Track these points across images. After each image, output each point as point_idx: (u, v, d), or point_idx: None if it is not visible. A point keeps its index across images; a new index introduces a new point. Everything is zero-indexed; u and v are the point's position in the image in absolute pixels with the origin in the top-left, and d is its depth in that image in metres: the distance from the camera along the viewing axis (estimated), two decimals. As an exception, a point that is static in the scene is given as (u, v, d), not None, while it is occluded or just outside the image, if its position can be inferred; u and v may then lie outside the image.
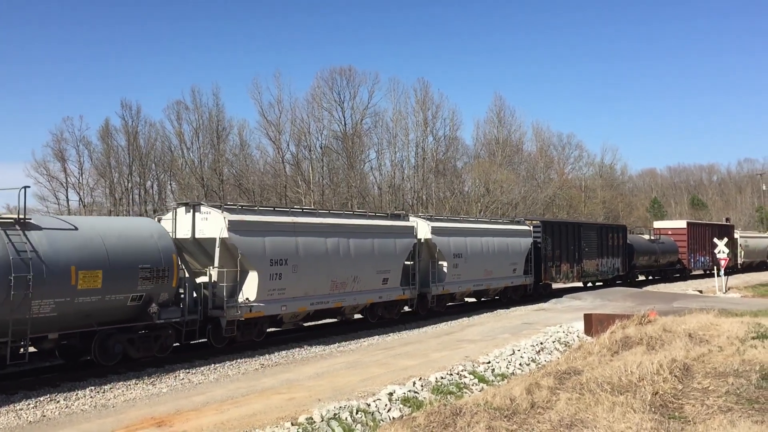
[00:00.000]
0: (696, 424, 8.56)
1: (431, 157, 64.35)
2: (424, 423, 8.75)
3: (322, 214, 20.53)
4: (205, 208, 17.16)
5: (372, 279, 21.01)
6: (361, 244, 20.49)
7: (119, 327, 14.56)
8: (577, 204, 77.69)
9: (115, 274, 13.99)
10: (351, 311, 21.25)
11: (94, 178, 67.88)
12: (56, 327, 13.26)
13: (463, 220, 29.38)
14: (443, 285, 24.45)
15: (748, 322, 17.00)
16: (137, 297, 14.55)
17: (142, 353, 15.08)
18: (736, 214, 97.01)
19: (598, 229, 37.62)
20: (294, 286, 18.11)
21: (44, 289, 12.71)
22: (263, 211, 18.75)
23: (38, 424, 10.86)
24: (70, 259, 13.27)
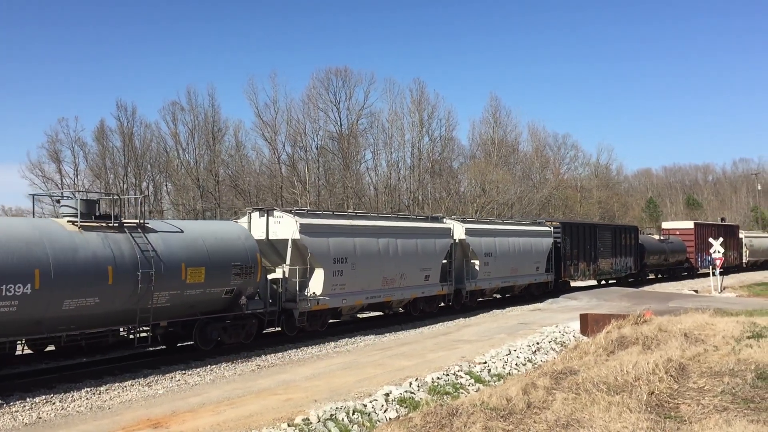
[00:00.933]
0: (692, 424, 8.57)
1: (427, 157, 64.31)
2: (421, 423, 8.75)
3: (373, 217, 23.40)
4: (278, 213, 19.65)
5: (416, 276, 23.28)
6: (407, 244, 22.82)
7: (215, 316, 16.80)
8: (573, 204, 77.79)
9: (214, 270, 16.27)
10: (397, 305, 23.54)
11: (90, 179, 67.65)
12: (168, 315, 15.60)
13: (492, 222, 32.02)
14: (476, 282, 26.79)
15: (743, 322, 17.04)
16: (230, 290, 16.85)
17: (232, 339, 17.23)
18: (732, 214, 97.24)
19: (613, 229, 39.92)
20: (352, 282, 20.39)
21: (162, 283, 14.97)
22: (326, 215, 21.60)
23: (34, 426, 10.83)
24: (181, 258, 15.55)
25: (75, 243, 13.74)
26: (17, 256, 12.63)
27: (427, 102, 65.26)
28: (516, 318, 24.65)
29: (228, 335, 17.14)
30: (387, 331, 21.05)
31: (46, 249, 13.16)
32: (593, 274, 37.08)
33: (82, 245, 13.81)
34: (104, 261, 14.02)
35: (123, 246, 14.53)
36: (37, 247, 13.05)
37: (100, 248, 14.09)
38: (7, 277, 12.36)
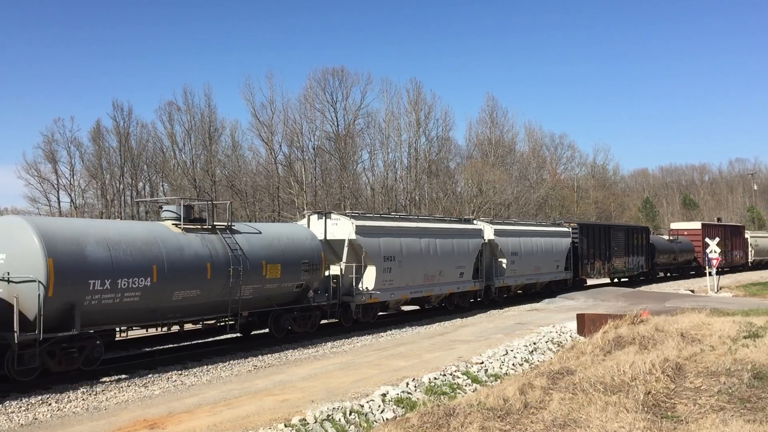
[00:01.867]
0: (688, 424, 8.58)
1: (424, 157, 64.31)
2: (418, 424, 8.74)
3: (415, 219, 25.91)
4: (335, 216, 21.83)
5: (452, 273, 25.36)
6: (445, 244, 24.93)
7: (286, 308, 18.91)
8: (570, 204, 77.87)
9: (288, 267, 18.42)
10: (436, 299, 25.58)
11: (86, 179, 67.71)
12: (251, 306, 17.78)
13: (517, 223, 34.30)
14: (503, 279, 28.92)
15: (739, 322, 17.07)
16: (299, 285, 18.93)
17: (301, 329, 19.40)
18: (728, 214, 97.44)
19: (626, 230, 42.08)
20: (399, 278, 22.57)
21: (247, 278, 17.09)
22: (375, 217, 23.96)
23: (30, 427, 10.79)
24: (261, 256, 17.68)
25: (180, 243, 15.93)
26: (140, 254, 14.77)
27: (423, 102, 65.31)
28: (513, 318, 24.67)
29: (297, 325, 19.29)
30: (383, 332, 21.04)
31: (161, 248, 15.32)
32: (608, 273, 39.00)
33: (186, 245, 16.02)
34: (204, 258, 16.19)
35: (217, 245, 16.72)
36: (154, 247, 15.20)
37: (199, 247, 16.28)
38: (133, 271, 14.53)
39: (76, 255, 13.67)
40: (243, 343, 18.49)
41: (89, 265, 13.80)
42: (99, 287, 13.90)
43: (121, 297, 14.36)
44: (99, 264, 13.97)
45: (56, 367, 13.72)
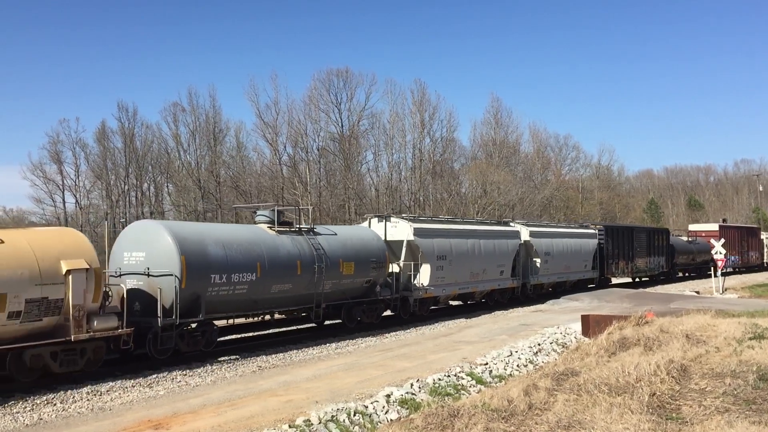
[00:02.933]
0: (693, 425, 8.56)
1: (428, 158, 64.28)
2: (422, 425, 8.74)
3: (461, 222, 28.70)
4: (394, 219, 24.38)
5: (494, 271, 27.64)
6: (487, 245, 27.19)
7: (357, 301, 21.26)
8: (575, 205, 77.78)
9: (360, 264, 20.75)
10: (479, 295, 27.88)
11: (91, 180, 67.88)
12: (329, 299, 20.09)
13: (549, 225, 36.79)
14: (537, 277, 31.04)
15: (745, 323, 17.02)
16: (368, 281, 21.40)
17: (369, 319, 21.62)
18: (733, 215, 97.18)
19: (647, 232, 44.35)
20: (449, 276, 24.84)
21: (327, 274, 19.44)
22: (428, 220, 26.68)
23: (35, 427, 10.82)
24: (339, 255, 20.03)
25: (276, 243, 18.33)
26: (247, 253, 17.19)
27: (428, 103, 65.29)
28: (517, 319, 24.64)
29: (366, 315, 21.56)
30: (388, 332, 21.04)
31: (262, 248, 17.74)
32: (631, 272, 41.02)
33: (281, 245, 18.42)
34: (294, 257, 18.55)
35: (304, 245, 19.08)
36: (257, 246, 17.62)
37: (290, 247, 18.64)
38: (242, 267, 16.95)
39: (201, 253, 16.16)
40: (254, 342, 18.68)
41: (211, 262, 16.31)
42: (218, 281, 16.45)
43: (233, 289, 16.87)
44: (218, 261, 16.48)
45: (185, 348, 16.09)
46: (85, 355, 13.91)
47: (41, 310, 13.11)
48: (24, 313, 12.84)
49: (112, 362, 15.48)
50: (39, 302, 13.05)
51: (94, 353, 14.07)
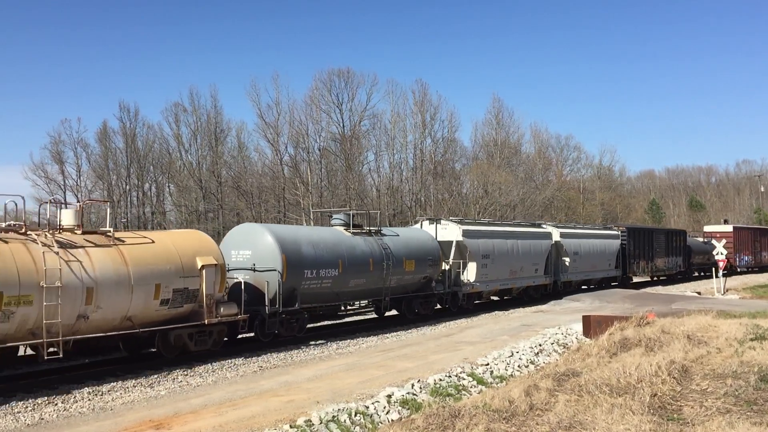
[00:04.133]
0: (695, 426, 8.56)
1: (429, 158, 64.21)
2: (423, 425, 8.74)
3: (500, 224, 31.43)
4: (444, 221, 26.97)
5: (529, 269, 30.11)
6: (524, 245, 29.62)
7: (415, 294, 23.94)
8: (576, 206, 77.68)
9: (419, 262, 23.38)
10: (516, 291, 30.24)
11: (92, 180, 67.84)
12: (393, 293, 22.72)
13: (576, 226, 39.15)
14: (567, 275, 33.53)
15: (746, 324, 17.02)
16: (425, 277, 24.00)
17: (424, 311, 24.33)
18: (735, 216, 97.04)
19: (666, 233, 47.06)
20: (492, 273, 27.43)
21: (393, 271, 22.11)
22: (472, 222, 29.83)
23: (36, 427, 10.83)
24: (402, 253, 22.72)
25: (353, 243, 21.01)
26: (331, 252, 19.95)
27: (429, 103, 65.19)
28: (518, 320, 24.63)
29: (422, 308, 24.25)
30: (389, 333, 21.04)
31: (342, 247, 20.51)
32: (650, 271, 43.35)
33: (356, 245, 21.12)
34: (367, 255, 21.23)
35: (374, 245, 21.74)
36: (338, 246, 20.37)
37: (364, 247, 21.35)
38: (328, 264, 19.68)
39: (297, 252, 18.88)
40: (255, 342, 18.64)
41: (304, 259, 19.00)
42: (309, 276, 19.13)
43: (321, 283, 19.56)
44: (309, 258, 19.18)
45: (283, 333, 18.67)
46: (212, 336, 16.59)
47: (183, 298, 15.69)
48: (171, 301, 15.41)
49: (111, 362, 15.50)
50: (182, 292, 15.62)
51: (219, 335, 16.86)
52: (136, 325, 14.80)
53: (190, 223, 57.06)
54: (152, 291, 14.90)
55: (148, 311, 14.98)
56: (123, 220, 61.43)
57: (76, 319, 13.57)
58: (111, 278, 14.12)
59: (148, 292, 14.80)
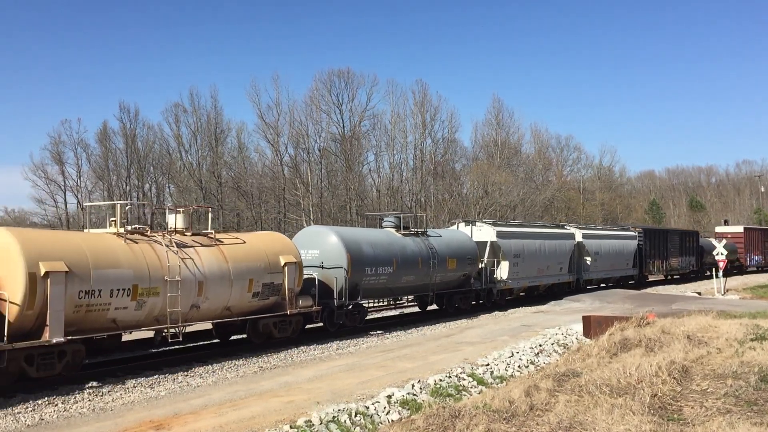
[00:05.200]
0: (695, 426, 8.55)
1: (430, 159, 64.22)
2: (423, 426, 8.74)
3: (529, 225, 33.85)
4: (479, 223, 29.51)
5: (555, 268, 32.37)
6: (550, 245, 31.87)
7: (455, 290, 26.10)
8: (576, 206, 77.65)
9: (460, 261, 25.68)
10: (542, 288, 32.32)
11: (92, 180, 67.86)
12: (436, 289, 24.91)
13: (596, 228, 41.70)
14: (588, 273, 35.79)
15: (746, 324, 17.01)
16: (464, 274, 26.20)
17: (464, 306, 26.50)
18: (735, 216, 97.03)
19: (680, 234, 49.27)
20: (522, 271, 29.57)
21: (438, 268, 24.38)
22: (504, 224, 31.84)
23: (36, 428, 10.83)
24: (446, 253, 24.89)
25: (403, 243, 23.34)
26: (387, 251, 22.29)
27: (429, 104, 65.22)
28: (519, 320, 24.63)
29: (462, 303, 26.42)
30: (389, 333, 21.04)
31: (395, 247, 22.68)
32: (665, 271, 45.40)
33: (407, 245, 23.38)
34: (417, 254, 23.51)
35: (421, 245, 23.97)
36: (392, 246, 22.68)
37: (413, 246, 23.60)
38: (384, 262, 22.00)
39: (359, 251, 21.06)
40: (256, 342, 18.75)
41: (365, 258, 21.19)
42: (369, 272, 21.36)
43: (378, 279, 21.81)
44: (369, 257, 21.39)
45: (347, 323, 20.91)
46: (291, 325, 18.89)
47: (269, 291, 18.03)
48: (260, 293, 17.75)
49: (112, 362, 15.48)
50: (269, 286, 17.92)
51: (296, 324, 19.09)
52: (233, 314, 17.28)
53: (190, 224, 56.97)
54: (246, 285, 17.29)
55: (243, 302, 17.40)
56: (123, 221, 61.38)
57: (189, 308, 15.91)
58: (216, 274, 16.48)
59: (243, 286, 17.18)
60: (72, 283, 13.35)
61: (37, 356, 13.07)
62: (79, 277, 13.52)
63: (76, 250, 13.80)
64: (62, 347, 13.42)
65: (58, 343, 13.19)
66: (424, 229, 25.52)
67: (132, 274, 14.54)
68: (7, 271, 12.79)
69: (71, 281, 13.33)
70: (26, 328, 13.01)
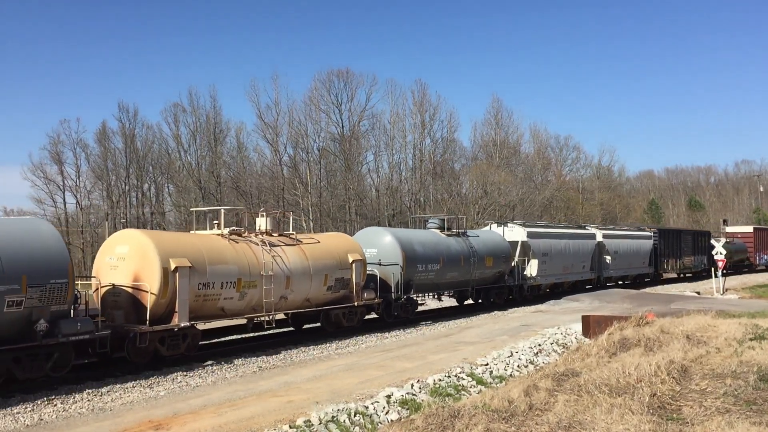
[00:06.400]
0: (694, 426, 8.55)
1: (429, 159, 64.27)
2: (422, 425, 8.73)
3: (554, 226, 36.63)
4: (511, 224, 31.93)
5: (578, 266, 34.81)
6: (574, 244, 34.33)
7: (491, 286, 28.43)
8: (575, 206, 77.67)
9: (496, 259, 28.03)
10: (567, 285, 34.59)
11: (91, 180, 67.81)
12: (476, 284, 27.37)
13: (615, 228, 44.19)
14: (608, 271, 38.01)
15: (745, 324, 17.00)
16: (500, 271, 28.56)
17: (499, 300, 28.74)
18: (734, 216, 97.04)
19: (693, 234, 51.49)
20: (549, 269, 32.03)
21: (477, 266, 26.70)
22: (533, 224, 34.23)
23: (35, 428, 10.82)
24: (483, 252, 27.33)
25: (448, 243, 25.79)
26: (434, 250, 24.70)
27: (428, 103, 65.29)
28: (518, 320, 24.63)
29: (497, 297, 28.75)
30: (389, 333, 21.03)
31: (441, 246, 25.23)
32: (679, 269, 47.46)
33: (451, 244, 25.88)
34: (459, 253, 25.98)
35: (463, 245, 26.40)
36: (438, 246, 25.16)
37: (456, 246, 26.01)
38: (432, 260, 24.41)
39: (412, 250, 23.44)
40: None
41: (417, 256, 23.62)
42: (420, 269, 23.74)
43: (427, 275, 24.13)
44: (420, 255, 23.78)
45: (402, 314, 23.24)
46: (357, 316, 21.27)
47: (340, 285, 20.43)
48: (333, 287, 20.15)
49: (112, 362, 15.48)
50: (340, 280, 20.36)
51: (361, 314, 21.49)
52: (311, 304, 19.72)
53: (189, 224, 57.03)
54: (323, 279, 19.71)
55: (319, 294, 19.83)
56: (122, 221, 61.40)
57: (279, 298, 18.32)
58: (299, 269, 18.95)
59: (320, 280, 19.61)
60: (193, 276, 15.89)
61: (167, 338, 15.58)
62: (199, 271, 16.06)
63: (196, 249, 16.34)
64: (185, 330, 15.89)
65: (185, 327, 15.70)
66: (464, 230, 27.94)
67: (237, 269, 17.05)
68: (146, 266, 15.33)
69: (193, 275, 15.87)
70: (159, 315, 15.42)
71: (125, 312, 15.28)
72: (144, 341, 14.94)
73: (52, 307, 13.10)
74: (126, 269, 15.55)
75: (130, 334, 14.87)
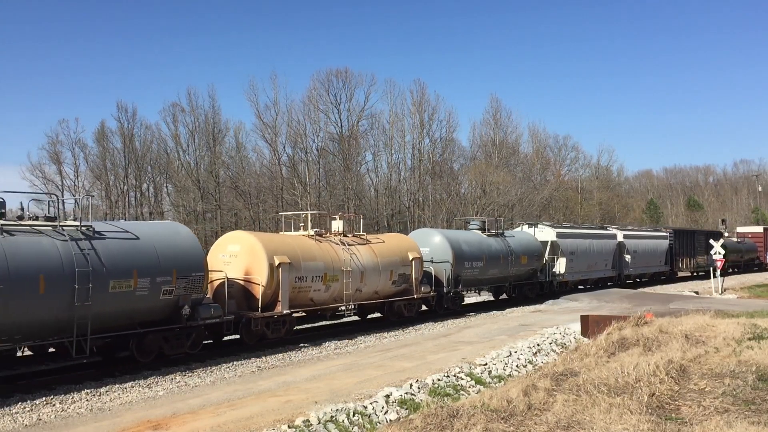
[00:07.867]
0: (693, 425, 8.56)
1: (428, 159, 64.22)
2: (421, 425, 8.73)
3: (578, 227, 39.34)
4: (541, 225, 34.89)
5: (601, 264, 37.65)
6: (598, 244, 37.14)
7: (525, 282, 30.92)
8: (574, 206, 77.69)
9: (529, 257, 30.55)
10: (591, 282, 37.19)
11: (90, 180, 67.64)
12: (513, 280, 30.13)
13: (633, 228, 47.46)
14: (628, 269, 40.88)
15: (744, 323, 17.01)
16: (532, 269, 31.15)
17: (531, 294, 31.24)
18: (732, 216, 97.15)
19: (705, 234, 53.12)
20: (576, 267, 34.77)
21: (513, 264, 29.29)
22: (560, 225, 37.23)
23: (34, 428, 10.82)
24: (519, 251, 29.85)
25: (489, 243, 28.49)
26: (478, 249, 27.33)
27: (427, 103, 65.22)
28: (516, 320, 24.63)
29: (531, 292, 31.30)
30: (387, 333, 21.03)
31: (483, 246, 27.80)
32: (692, 268, 50.19)
33: (492, 244, 28.59)
34: (499, 252, 28.62)
35: (501, 244, 29.00)
36: (482, 245, 27.77)
37: (496, 245, 28.72)
38: (476, 258, 27.08)
39: (459, 249, 26.19)
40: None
41: (464, 254, 26.36)
42: (466, 266, 26.46)
43: (472, 272, 26.81)
44: (467, 254, 26.55)
45: (451, 306, 25.82)
46: (415, 307, 24.06)
47: (402, 280, 23.14)
48: (396, 281, 22.93)
49: (112, 362, 15.47)
50: (402, 275, 23.09)
51: (418, 306, 24.30)
52: (379, 297, 22.48)
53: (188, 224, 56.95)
54: (389, 274, 22.53)
55: (386, 288, 22.62)
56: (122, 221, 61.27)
57: (355, 291, 21.05)
58: (370, 265, 21.74)
59: (386, 275, 22.41)
60: (291, 271, 18.73)
61: (272, 322, 18.31)
62: (295, 267, 18.90)
63: (292, 248, 19.20)
64: (285, 317, 18.61)
65: (285, 314, 18.55)
66: (502, 230, 30.68)
67: (323, 265, 19.89)
68: (256, 263, 18.24)
69: (291, 270, 18.70)
70: (266, 303, 18.20)
71: (237, 301, 17.75)
72: (257, 325, 17.81)
73: (192, 295, 15.70)
74: (238, 265, 18.36)
75: (242, 319, 17.48)
